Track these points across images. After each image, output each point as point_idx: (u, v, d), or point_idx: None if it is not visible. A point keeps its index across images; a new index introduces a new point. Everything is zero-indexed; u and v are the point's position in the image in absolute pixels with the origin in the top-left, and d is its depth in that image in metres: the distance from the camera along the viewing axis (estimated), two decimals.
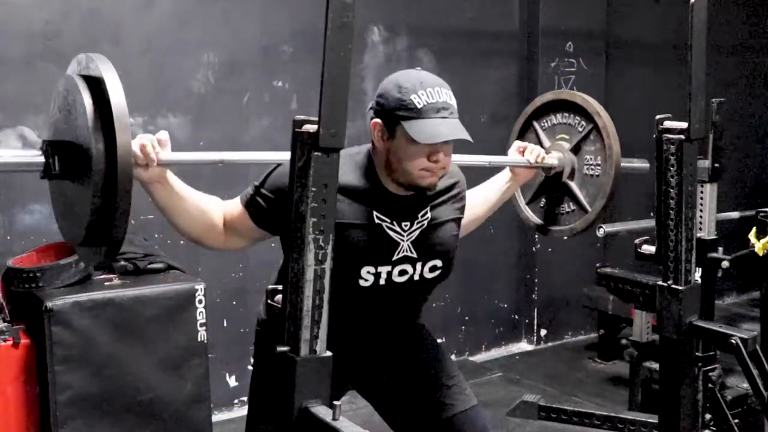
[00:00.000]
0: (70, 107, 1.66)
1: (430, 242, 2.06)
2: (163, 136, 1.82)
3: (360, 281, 1.98)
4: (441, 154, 1.94)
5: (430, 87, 1.91)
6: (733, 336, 2.22)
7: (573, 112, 2.57)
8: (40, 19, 3.43)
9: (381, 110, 1.93)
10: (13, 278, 2.99)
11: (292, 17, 4.04)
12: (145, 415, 2.97)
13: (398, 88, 1.90)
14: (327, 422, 1.48)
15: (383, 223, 1.99)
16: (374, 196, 1.99)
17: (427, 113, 1.88)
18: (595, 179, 2.51)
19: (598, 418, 2.82)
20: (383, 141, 1.95)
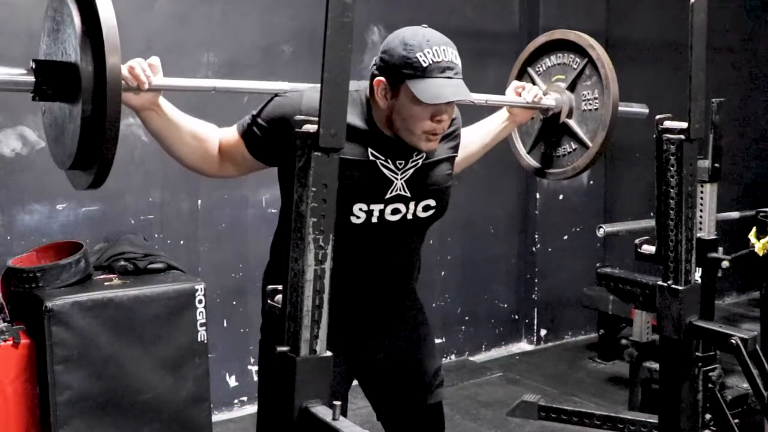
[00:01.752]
0: (59, 27, 1.63)
1: (423, 181, 2.03)
2: (155, 61, 1.81)
3: (351, 218, 1.95)
4: (445, 115, 1.92)
5: (437, 45, 1.88)
6: (733, 336, 2.22)
7: (567, 51, 2.56)
8: (40, 18, 3.41)
9: (385, 67, 1.89)
10: (13, 278, 2.99)
11: (292, 17, 4.03)
12: (145, 415, 2.97)
13: (404, 45, 1.87)
14: (327, 422, 1.48)
15: (377, 160, 1.96)
16: (369, 134, 1.96)
17: (433, 72, 1.86)
18: (594, 113, 2.49)
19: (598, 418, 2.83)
20: (386, 99, 1.91)
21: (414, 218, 2.03)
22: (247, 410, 4.02)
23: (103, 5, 1.56)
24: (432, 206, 2.06)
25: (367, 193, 1.95)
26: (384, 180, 1.97)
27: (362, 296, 2.08)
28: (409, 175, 2.00)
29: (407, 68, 1.85)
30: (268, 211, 4.04)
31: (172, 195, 3.78)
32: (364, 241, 2.00)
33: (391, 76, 1.89)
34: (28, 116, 3.42)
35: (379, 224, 1.98)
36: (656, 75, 5.41)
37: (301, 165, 1.52)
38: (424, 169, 2.03)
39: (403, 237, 2.08)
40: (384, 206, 1.98)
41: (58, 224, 3.51)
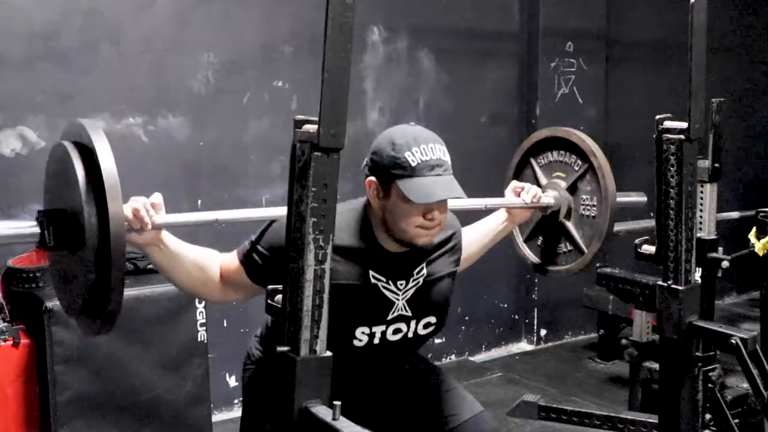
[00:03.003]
0: (64, 175, 1.68)
1: (425, 300, 2.05)
2: (157, 199, 1.82)
3: (354, 341, 1.97)
4: (436, 212, 1.93)
5: (424, 144, 1.89)
6: (733, 336, 2.22)
7: (569, 151, 2.56)
8: (40, 19, 3.43)
9: (375, 168, 1.92)
10: (13, 278, 2.99)
11: (292, 17, 4.03)
12: (145, 415, 2.97)
13: (392, 146, 1.89)
14: (327, 422, 1.48)
15: (379, 282, 1.98)
16: (370, 254, 1.97)
17: (422, 171, 1.87)
18: (592, 220, 2.50)
19: (598, 418, 2.82)
20: (379, 199, 1.93)
21: (414, 335, 2.06)
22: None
23: (104, 155, 1.61)
24: (433, 323, 2.08)
25: (369, 316, 1.98)
26: (386, 302, 1.99)
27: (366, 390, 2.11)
28: (411, 295, 2.03)
29: (396, 168, 1.87)
30: None
31: (172, 195, 3.75)
32: (365, 358, 2.02)
33: (381, 176, 1.91)
34: (28, 116, 3.42)
35: (380, 344, 2.01)
36: (656, 75, 5.41)
37: (301, 165, 1.52)
38: (425, 287, 2.05)
39: (403, 351, 2.12)
40: (386, 327, 2.01)
41: None
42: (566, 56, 4.90)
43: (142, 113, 3.66)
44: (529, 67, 4.89)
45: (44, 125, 3.45)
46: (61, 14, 3.47)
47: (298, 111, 3.45)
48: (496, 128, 4.85)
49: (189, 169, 3.84)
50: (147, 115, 3.68)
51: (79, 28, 3.51)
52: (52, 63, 3.44)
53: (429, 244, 1.99)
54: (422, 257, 2.04)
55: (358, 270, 1.95)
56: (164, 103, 3.72)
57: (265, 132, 3.99)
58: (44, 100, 3.45)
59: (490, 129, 4.83)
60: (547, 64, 4.85)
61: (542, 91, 4.86)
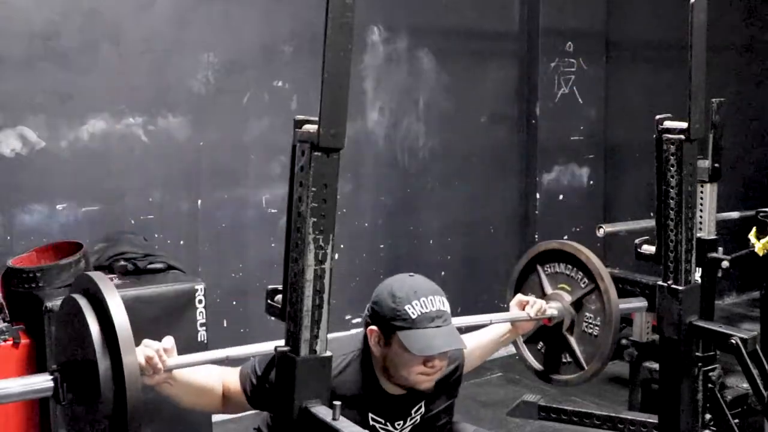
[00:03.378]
0: (77, 328, 1.69)
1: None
2: (168, 344, 1.85)
3: None
4: (437, 361, 1.97)
5: (424, 296, 1.96)
6: (733, 336, 2.23)
7: (576, 267, 2.56)
8: (40, 19, 3.43)
9: (376, 317, 1.98)
10: (13, 278, 2.99)
11: (292, 17, 4.03)
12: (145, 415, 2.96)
13: (392, 298, 1.95)
14: (327, 422, 1.48)
15: (377, 424, 2.05)
16: (371, 398, 2.04)
17: (422, 323, 1.93)
18: (594, 339, 2.50)
19: (598, 418, 2.82)
20: (380, 347, 1.99)
21: None
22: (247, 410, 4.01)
23: (116, 309, 1.65)
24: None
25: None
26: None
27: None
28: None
29: (397, 320, 1.94)
30: (268, 211, 4.04)
31: (172, 195, 3.78)
32: None
33: (383, 327, 1.97)
34: (28, 116, 3.42)
35: None
36: (656, 75, 5.41)
37: (301, 165, 1.52)
38: (422, 424, 2.11)
39: None
40: None
41: (58, 224, 3.51)
42: (566, 56, 4.90)
43: (142, 113, 3.66)
44: (529, 67, 4.89)
45: (44, 125, 3.45)
46: (61, 14, 3.47)
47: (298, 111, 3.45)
48: (496, 128, 4.85)
49: (189, 169, 3.84)
50: (147, 115, 3.68)
51: (79, 28, 3.51)
52: (52, 63, 3.44)
53: (430, 388, 2.04)
54: (422, 396, 2.09)
55: (358, 414, 2.00)
56: (164, 103, 3.72)
57: (265, 132, 3.99)
58: (44, 100, 3.45)
59: (490, 129, 4.83)
60: (547, 64, 4.85)
61: (542, 91, 4.86)
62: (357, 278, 4.32)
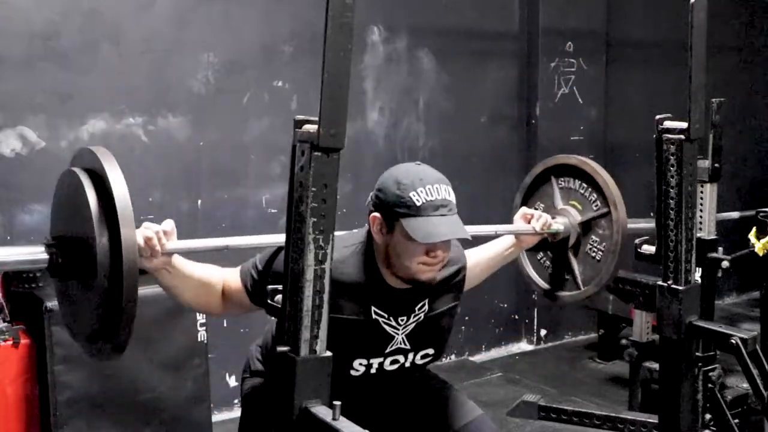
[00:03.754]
0: (75, 202, 1.66)
1: (425, 334, 2.07)
2: (168, 226, 1.83)
3: (351, 372, 2.00)
4: (439, 251, 1.94)
5: (429, 184, 1.91)
6: (733, 336, 2.22)
7: (592, 188, 2.51)
8: (40, 19, 3.43)
9: (380, 204, 1.94)
10: (13, 278, 2.99)
11: (292, 17, 4.03)
12: (145, 415, 2.97)
13: (397, 185, 1.91)
14: (327, 422, 1.48)
15: (380, 318, 2.00)
16: (373, 290, 1.99)
17: (426, 211, 1.88)
18: (595, 263, 2.49)
19: (598, 418, 2.82)
20: (382, 235, 1.95)
21: (412, 365, 2.09)
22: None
23: (116, 181, 1.61)
24: (431, 354, 2.11)
25: (368, 350, 2.00)
26: (385, 336, 2.01)
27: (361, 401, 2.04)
28: (411, 329, 2.05)
29: (401, 207, 1.89)
30: (268, 211, 4.04)
31: (172, 195, 3.78)
32: (361, 386, 2.04)
33: (386, 214, 1.92)
34: (28, 116, 3.42)
35: (377, 374, 2.04)
36: (656, 75, 5.41)
37: (301, 165, 1.52)
38: (426, 322, 2.07)
39: (400, 379, 2.12)
40: (384, 359, 2.03)
41: None
42: (566, 56, 4.90)
43: (142, 113, 3.66)
44: (529, 67, 4.89)
45: (44, 125, 3.45)
46: (61, 14, 3.47)
47: (298, 111, 3.46)
48: (496, 128, 4.85)
49: (189, 169, 3.84)
50: (147, 115, 3.68)
51: (79, 28, 3.50)
52: (52, 63, 3.43)
53: (432, 280, 2.00)
54: (425, 293, 2.05)
55: (361, 306, 1.97)
56: (164, 103, 3.72)
57: (265, 132, 3.99)
58: (44, 100, 3.45)
59: (490, 129, 4.83)
60: (547, 64, 4.85)
61: (542, 91, 4.86)
62: None
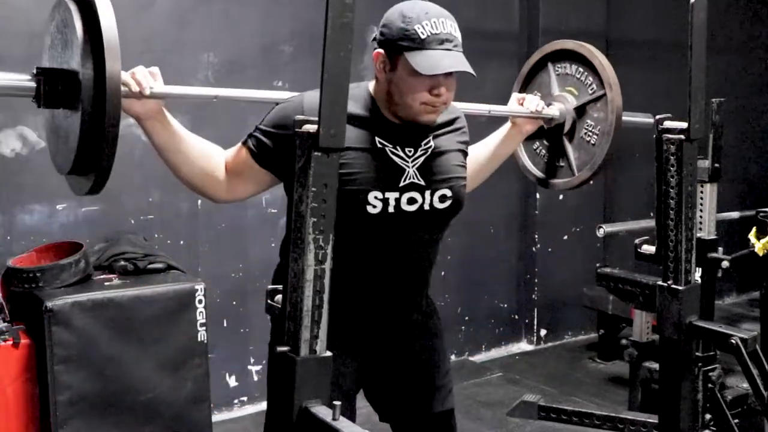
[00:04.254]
0: (61, 36, 1.67)
1: (436, 169, 2.00)
2: (155, 69, 1.82)
3: (368, 207, 1.91)
4: (443, 88, 1.90)
5: (435, 17, 1.86)
6: (733, 336, 2.22)
7: (589, 71, 2.49)
8: (40, 19, 3.41)
9: (384, 40, 1.89)
10: (13, 278, 2.99)
11: (292, 17, 4.03)
12: (145, 415, 2.97)
13: (402, 18, 1.86)
14: (327, 422, 1.48)
15: (386, 147, 1.94)
16: (375, 123, 1.94)
17: (431, 44, 1.84)
18: (590, 147, 2.47)
19: (598, 418, 2.82)
20: (385, 72, 1.90)
21: (431, 209, 2.00)
22: (247, 410, 4.02)
23: (105, 13, 1.59)
24: (448, 197, 2.02)
25: (380, 181, 1.92)
26: (395, 167, 1.94)
27: (377, 293, 2.04)
28: (421, 163, 1.98)
29: (405, 40, 1.84)
30: (268, 211, 4.04)
31: (172, 195, 3.78)
32: (381, 233, 1.96)
33: (389, 49, 1.88)
34: (28, 116, 3.42)
35: (396, 214, 1.94)
36: (656, 75, 5.41)
37: (301, 165, 1.52)
38: (434, 157, 2.01)
39: (421, 230, 2.03)
40: (399, 194, 1.94)
41: (58, 224, 3.51)
42: None
43: None
44: None
45: (44, 125, 3.45)
46: None
47: None
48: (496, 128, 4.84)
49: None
50: None
51: None
52: None
53: (432, 122, 1.97)
54: (428, 131, 2.01)
55: (365, 135, 1.92)
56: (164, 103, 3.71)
57: None
58: None
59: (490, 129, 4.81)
60: None
61: None
62: None
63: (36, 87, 1.66)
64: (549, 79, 2.60)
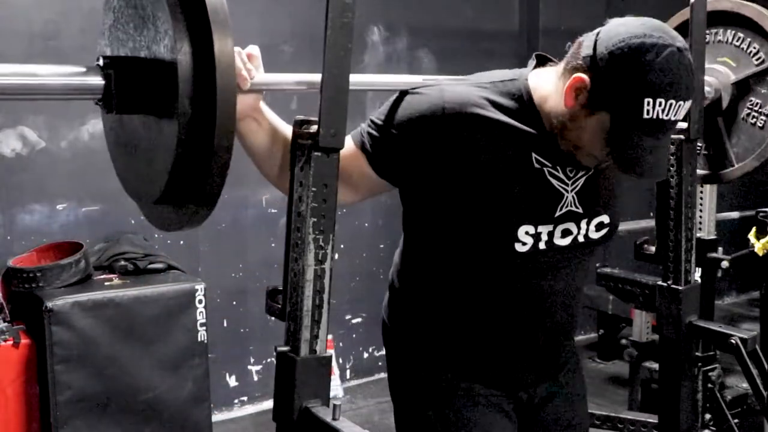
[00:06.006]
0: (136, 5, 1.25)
1: (597, 193, 1.65)
2: (255, 50, 1.45)
3: (516, 245, 1.56)
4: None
5: (674, 99, 1.42)
6: (733, 336, 2.22)
7: (753, 35, 2.04)
8: (40, 19, 3.43)
9: (598, 73, 1.45)
10: (13, 278, 2.99)
11: (292, 17, 4.03)
12: (145, 415, 2.97)
13: (641, 72, 1.41)
14: (327, 422, 1.48)
15: (544, 167, 1.56)
16: (532, 134, 1.55)
17: (647, 129, 1.44)
18: (754, 130, 2.04)
19: (598, 418, 2.81)
20: (575, 102, 1.49)
21: (585, 240, 1.66)
22: (247, 410, 4.02)
23: None
24: (606, 224, 1.67)
25: (534, 211, 1.57)
26: (553, 193, 1.59)
27: (522, 332, 1.70)
28: (581, 186, 1.62)
29: (623, 103, 1.44)
30: (269, 211, 4.04)
31: None
32: (528, 271, 1.63)
33: (599, 90, 1.46)
34: (28, 116, 3.43)
35: (547, 250, 1.60)
36: None
37: (301, 165, 1.52)
38: (597, 177, 1.64)
39: (573, 264, 1.69)
40: (554, 227, 1.60)
41: (58, 224, 3.51)
42: None
43: None
44: None
45: (44, 125, 3.45)
46: (61, 14, 3.47)
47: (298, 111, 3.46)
48: None
49: None
50: None
51: (79, 28, 3.50)
52: (53, 63, 3.43)
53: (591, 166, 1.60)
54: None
55: (518, 149, 1.55)
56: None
57: None
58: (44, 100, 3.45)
59: None
60: None
61: None
62: (357, 278, 4.32)
63: (105, 85, 1.22)
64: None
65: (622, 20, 1.53)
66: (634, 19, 1.52)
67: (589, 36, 1.55)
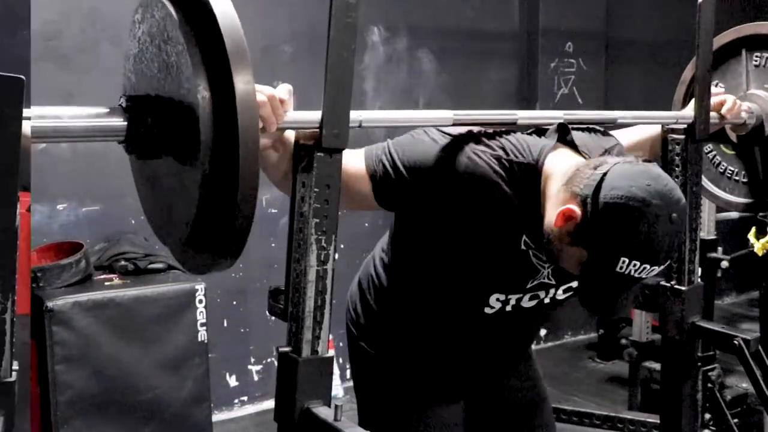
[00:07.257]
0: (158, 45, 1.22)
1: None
2: (285, 93, 1.46)
3: (485, 309, 1.70)
4: None
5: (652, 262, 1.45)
6: (737, 337, 2.22)
7: None
8: (40, 19, 3.42)
9: (590, 216, 1.45)
10: None
11: (292, 17, 4.03)
12: (145, 415, 2.97)
13: (628, 236, 1.42)
14: (329, 423, 1.48)
15: (530, 250, 1.62)
16: (527, 216, 1.58)
17: (615, 281, 1.47)
18: None
19: (598, 418, 2.82)
20: (563, 225, 1.49)
21: (551, 301, 1.76)
22: (247, 410, 4.02)
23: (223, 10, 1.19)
24: (573, 288, 1.74)
25: (508, 283, 1.67)
26: (530, 270, 1.65)
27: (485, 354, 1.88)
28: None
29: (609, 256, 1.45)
30: (268, 211, 4.03)
31: None
32: (492, 325, 1.76)
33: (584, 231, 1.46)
34: None
35: (512, 311, 1.72)
36: (656, 75, 5.41)
37: (303, 165, 1.52)
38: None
39: (534, 319, 1.84)
40: (523, 295, 1.70)
41: (58, 224, 3.50)
42: (566, 56, 4.90)
43: None
44: (529, 67, 4.89)
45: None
46: (61, 14, 3.47)
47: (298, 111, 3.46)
48: None
49: None
50: None
51: (79, 28, 3.50)
52: (52, 63, 3.43)
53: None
54: None
55: (511, 233, 1.60)
56: None
57: None
58: (44, 100, 3.44)
59: None
60: (546, 64, 4.85)
61: (542, 91, 4.86)
62: None
63: (127, 126, 1.21)
64: (744, 70, 2.07)
65: (632, 171, 1.47)
66: (645, 171, 1.47)
67: (600, 166, 1.50)
